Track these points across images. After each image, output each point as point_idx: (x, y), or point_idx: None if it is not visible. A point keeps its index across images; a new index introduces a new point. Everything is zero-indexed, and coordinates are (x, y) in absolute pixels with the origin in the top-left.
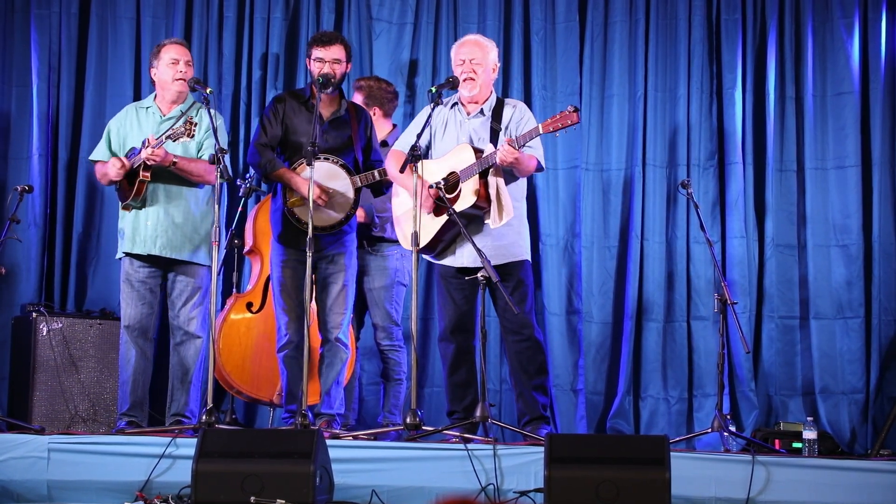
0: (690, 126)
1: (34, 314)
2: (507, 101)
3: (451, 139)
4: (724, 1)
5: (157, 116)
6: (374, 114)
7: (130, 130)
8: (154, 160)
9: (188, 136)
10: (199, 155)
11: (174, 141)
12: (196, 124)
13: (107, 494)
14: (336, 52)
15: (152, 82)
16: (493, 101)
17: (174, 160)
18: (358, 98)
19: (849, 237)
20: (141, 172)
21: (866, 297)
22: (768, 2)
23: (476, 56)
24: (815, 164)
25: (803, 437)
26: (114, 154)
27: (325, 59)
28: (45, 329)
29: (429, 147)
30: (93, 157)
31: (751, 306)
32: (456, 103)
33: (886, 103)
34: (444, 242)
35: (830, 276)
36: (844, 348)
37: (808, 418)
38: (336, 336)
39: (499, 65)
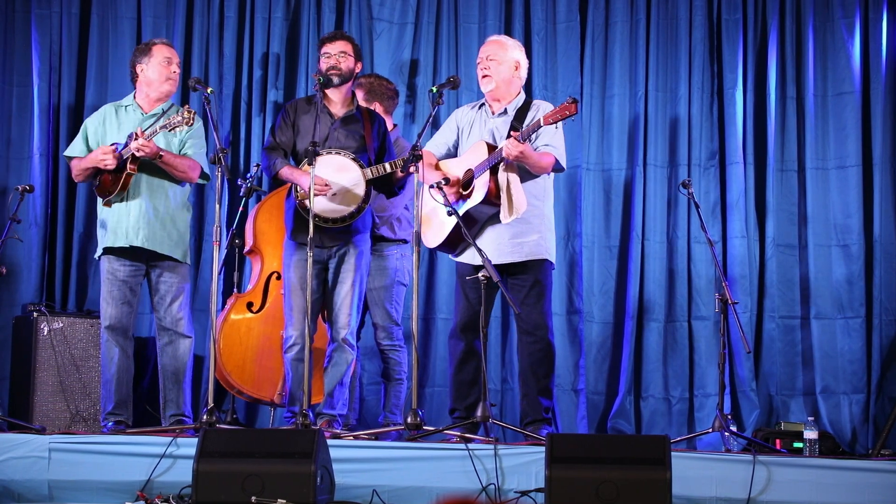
0: (691, 126)
1: (35, 314)
2: (534, 102)
3: (476, 139)
4: (725, 1)
5: (138, 114)
6: (374, 109)
7: (110, 129)
8: (144, 151)
9: (187, 124)
10: (180, 152)
11: (170, 130)
12: (194, 113)
13: (108, 494)
14: (341, 45)
15: (133, 79)
16: (519, 101)
17: (160, 153)
18: (358, 95)
19: (849, 237)
20: (128, 165)
21: (867, 296)
22: (769, 2)
23: (492, 53)
24: (815, 163)
25: (804, 436)
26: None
27: (331, 53)
28: (45, 329)
29: (457, 147)
30: (68, 153)
31: (752, 306)
32: (483, 104)
33: (887, 103)
34: (464, 241)
35: (831, 276)
36: (845, 348)
37: (809, 418)
38: (344, 336)
39: (525, 64)
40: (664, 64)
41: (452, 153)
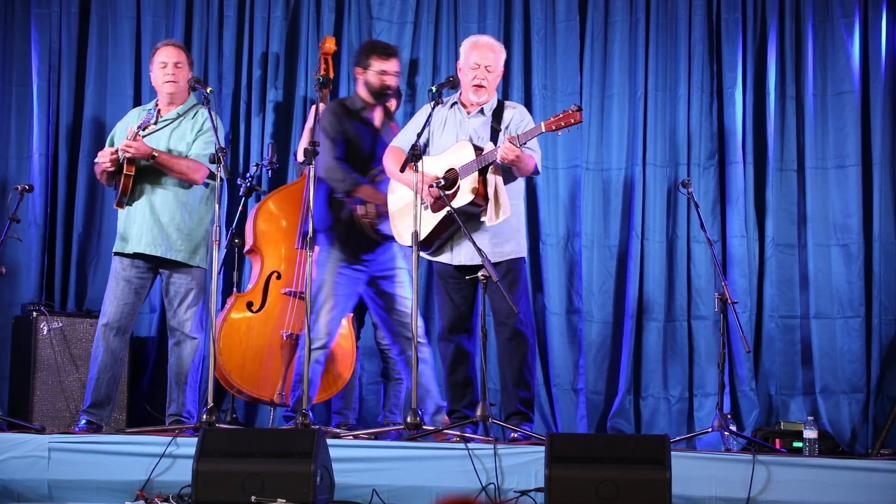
0: (691, 125)
1: (34, 313)
2: (507, 103)
3: (451, 137)
4: (725, 0)
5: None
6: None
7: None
8: (129, 151)
9: (153, 123)
10: (187, 155)
11: (143, 130)
12: (137, 134)
13: (107, 494)
14: (397, 65)
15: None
16: (493, 102)
17: (154, 154)
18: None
19: (849, 236)
20: (125, 167)
21: (867, 296)
22: (769, 1)
23: (491, 63)
24: (815, 163)
25: (804, 436)
26: None
27: (389, 72)
28: (45, 328)
29: (427, 145)
30: (97, 159)
31: (751, 305)
32: (455, 102)
33: (887, 102)
34: (440, 239)
35: (831, 276)
36: (845, 348)
37: (809, 418)
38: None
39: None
40: (664, 63)
41: (422, 151)
